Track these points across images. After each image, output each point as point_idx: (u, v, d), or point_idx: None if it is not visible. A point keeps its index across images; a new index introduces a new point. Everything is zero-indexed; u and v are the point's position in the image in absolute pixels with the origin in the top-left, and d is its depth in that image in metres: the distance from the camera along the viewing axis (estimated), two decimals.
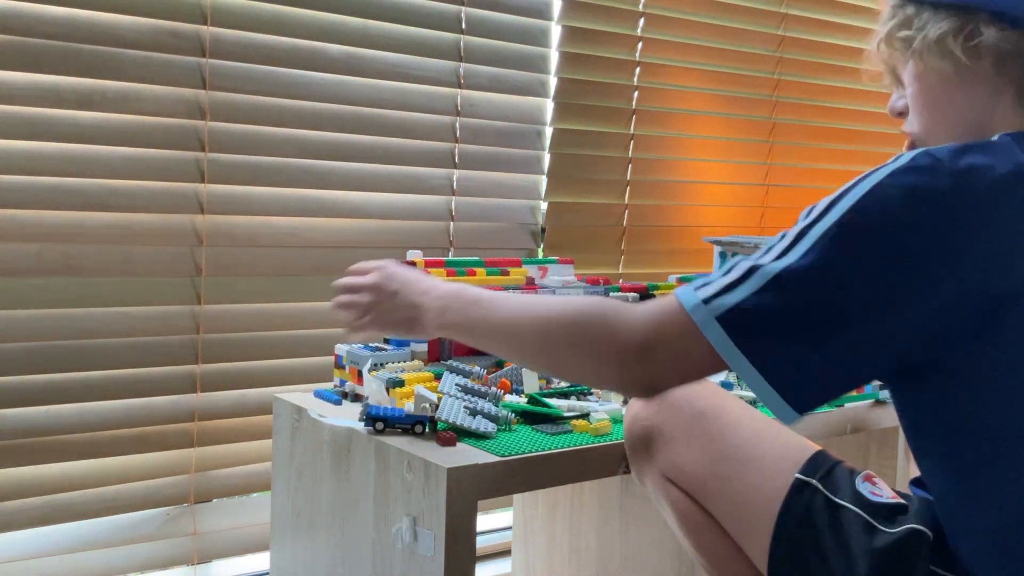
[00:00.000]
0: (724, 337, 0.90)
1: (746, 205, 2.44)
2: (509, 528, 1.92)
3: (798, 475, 1.06)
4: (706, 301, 0.90)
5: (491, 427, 1.24)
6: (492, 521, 2.04)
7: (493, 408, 1.29)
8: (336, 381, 1.48)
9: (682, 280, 1.84)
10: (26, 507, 1.52)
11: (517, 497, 1.83)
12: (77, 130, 1.52)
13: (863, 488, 1.04)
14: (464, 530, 1.10)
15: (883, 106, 1.20)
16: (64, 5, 1.48)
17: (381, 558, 1.20)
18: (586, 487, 1.67)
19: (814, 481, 1.05)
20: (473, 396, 1.34)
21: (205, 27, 1.60)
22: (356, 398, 1.42)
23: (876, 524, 1.00)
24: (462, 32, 1.89)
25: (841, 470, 1.07)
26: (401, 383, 1.34)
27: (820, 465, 1.07)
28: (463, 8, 1.88)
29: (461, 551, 1.09)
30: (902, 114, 1.12)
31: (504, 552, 1.94)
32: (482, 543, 1.96)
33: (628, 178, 2.18)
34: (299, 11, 1.69)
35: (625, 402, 1.44)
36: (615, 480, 1.60)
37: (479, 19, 1.91)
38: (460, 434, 1.22)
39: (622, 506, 1.59)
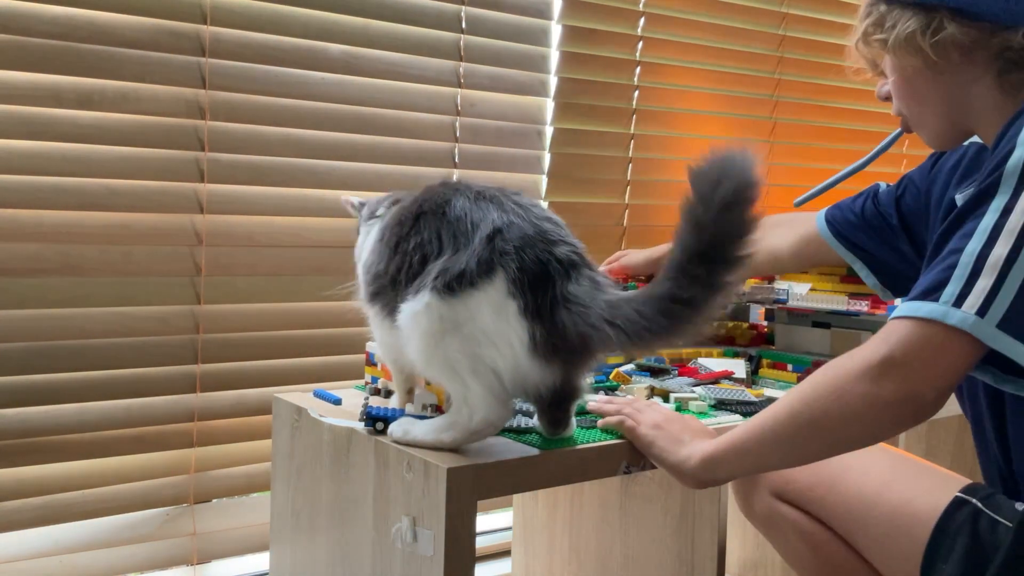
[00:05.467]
0: (1014, 342, 0.93)
1: None
2: (509, 528, 1.92)
3: (959, 493, 1.07)
4: (981, 313, 0.92)
5: (532, 423, 1.26)
6: (492, 521, 2.04)
7: (532, 407, 1.31)
8: (368, 378, 1.49)
9: None
10: (26, 507, 1.52)
11: (517, 497, 1.83)
12: (77, 130, 1.52)
13: None
14: (464, 530, 1.09)
15: (883, 106, 1.23)
16: (63, 5, 1.48)
17: (381, 558, 1.20)
18: (586, 487, 1.66)
19: (975, 500, 1.05)
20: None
21: (205, 27, 1.60)
22: (389, 394, 1.43)
23: None
24: (462, 32, 1.89)
25: (1000, 497, 1.07)
26: None
27: (979, 489, 1.08)
28: (463, 8, 1.88)
29: (461, 551, 1.09)
30: (887, 99, 1.19)
31: (504, 552, 1.94)
32: (482, 543, 1.95)
33: (628, 178, 2.18)
34: (299, 11, 1.69)
35: (651, 392, 1.44)
36: (615, 480, 1.60)
37: (479, 19, 1.91)
38: (503, 433, 1.23)
39: (622, 506, 1.59)
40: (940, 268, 0.96)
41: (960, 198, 1.14)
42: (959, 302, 0.93)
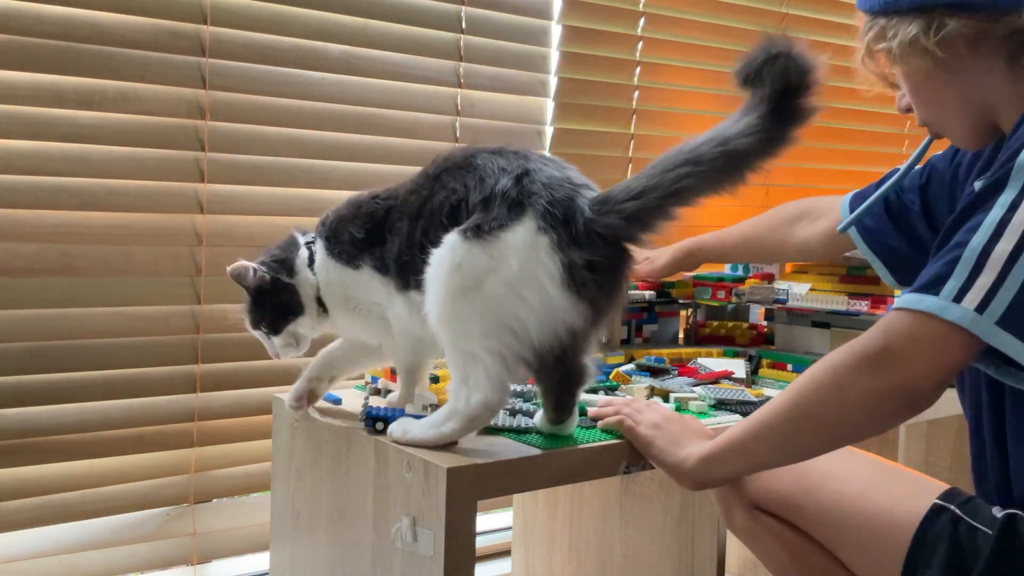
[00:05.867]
0: (1012, 339, 0.93)
1: (746, 205, 2.43)
2: (509, 528, 1.92)
3: (937, 500, 1.07)
4: (980, 310, 0.92)
5: (532, 423, 1.26)
6: (492, 521, 2.04)
7: (532, 407, 1.32)
8: (368, 378, 1.49)
9: (697, 280, 1.84)
10: (26, 507, 1.52)
11: (517, 497, 1.83)
12: (77, 130, 1.52)
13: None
14: (464, 530, 1.10)
15: (883, 106, 1.23)
16: (64, 5, 1.48)
17: (381, 558, 1.20)
18: (586, 487, 1.67)
19: (953, 507, 1.05)
20: (511, 397, 1.39)
21: (205, 27, 1.60)
22: (389, 395, 1.43)
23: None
24: (462, 32, 1.89)
25: (978, 502, 1.07)
26: (436, 379, 1.35)
27: (956, 495, 1.08)
28: (463, 8, 1.88)
29: (461, 551, 1.09)
30: (909, 110, 1.17)
31: (504, 552, 1.94)
32: (482, 543, 1.96)
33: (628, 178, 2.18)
34: (299, 11, 1.69)
35: (651, 392, 1.44)
36: (615, 480, 1.60)
37: (479, 19, 1.91)
38: (503, 433, 1.24)
39: (622, 506, 1.59)
40: (943, 261, 0.96)
41: (980, 187, 1.13)
42: (959, 297, 0.93)
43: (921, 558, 1.04)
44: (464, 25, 1.89)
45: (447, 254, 1.12)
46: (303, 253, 1.33)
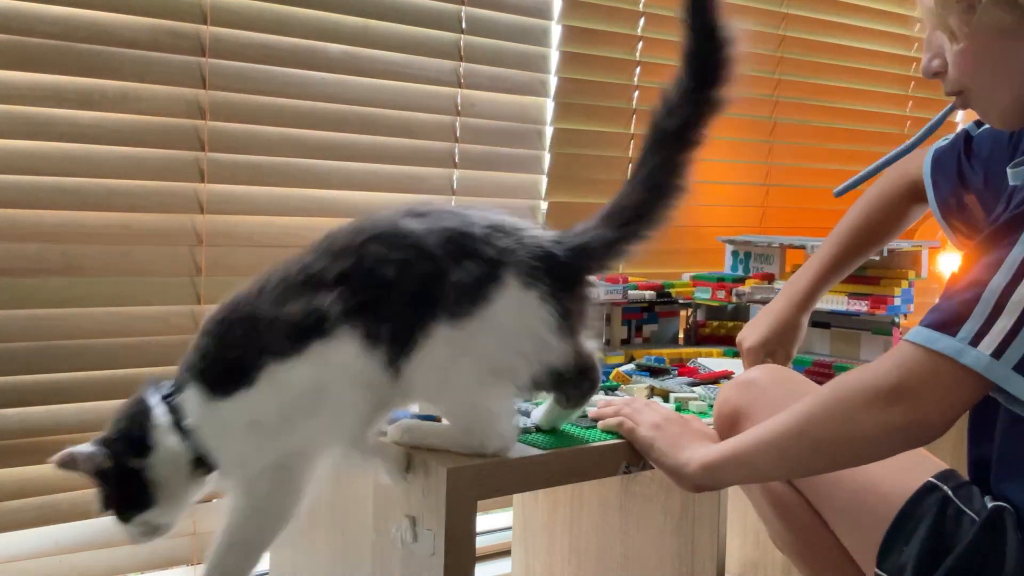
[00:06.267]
0: None
1: (746, 205, 2.43)
2: (509, 528, 1.92)
3: (932, 479, 1.07)
4: (997, 355, 0.91)
5: (532, 423, 1.26)
6: (492, 521, 2.04)
7: (532, 407, 1.32)
8: None
9: (697, 279, 1.84)
10: (26, 507, 1.52)
11: (517, 497, 1.83)
12: (77, 130, 1.51)
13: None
14: (464, 530, 1.09)
15: (883, 106, 1.21)
16: (64, 5, 1.48)
17: (381, 558, 1.20)
18: (586, 487, 1.66)
19: (946, 488, 1.05)
20: None
21: (205, 27, 1.60)
22: None
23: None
24: (462, 32, 1.89)
25: (973, 488, 1.07)
26: None
27: (952, 477, 1.08)
28: (463, 8, 1.88)
29: (461, 551, 1.09)
30: (938, 74, 1.09)
31: (504, 552, 1.94)
32: (482, 543, 1.95)
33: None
34: (299, 11, 1.69)
35: (651, 392, 1.45)
36: (615, 480, 1.60)
37: (479, 19, 1.91)
38: None
39: (622, 506, 1.59)
40: (962, 298, 0.94)
41: (1012, 174, 1.09)
42: (976, 340, 0.91)
43: (903, 532, 1.04)
44: (464, 25, 1.89)
45: (445, 351, 1.06)
46: (159, 415, 1.08)
